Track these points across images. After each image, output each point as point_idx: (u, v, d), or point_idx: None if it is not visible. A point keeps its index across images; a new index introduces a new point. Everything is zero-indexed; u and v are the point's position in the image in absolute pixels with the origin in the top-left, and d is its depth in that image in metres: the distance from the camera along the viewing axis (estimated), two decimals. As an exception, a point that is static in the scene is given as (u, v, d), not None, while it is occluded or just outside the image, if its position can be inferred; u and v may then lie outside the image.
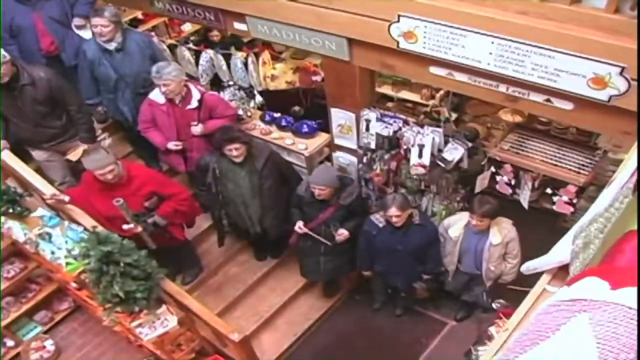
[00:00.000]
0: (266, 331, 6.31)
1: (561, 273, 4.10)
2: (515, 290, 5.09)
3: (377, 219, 5.26)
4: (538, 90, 3.91)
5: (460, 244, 5.28)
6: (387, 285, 6.12)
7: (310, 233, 5.44)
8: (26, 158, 5.70)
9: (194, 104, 5.51)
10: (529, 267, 4.54)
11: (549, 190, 4.98)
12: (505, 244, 5.12)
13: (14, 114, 5.40)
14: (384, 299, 6.41)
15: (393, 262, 5.46)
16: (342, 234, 5.41)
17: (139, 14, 7.63)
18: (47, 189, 5.23)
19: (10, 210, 5.31)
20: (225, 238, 6.17)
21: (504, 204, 5.12)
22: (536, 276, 3.76)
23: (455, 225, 5.25)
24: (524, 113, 5.59)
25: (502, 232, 5.07)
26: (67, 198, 5.00)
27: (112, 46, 5.63)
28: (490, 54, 3.86)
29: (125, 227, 4.83)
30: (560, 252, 4.02)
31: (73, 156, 5.69)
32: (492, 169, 5.14)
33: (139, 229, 4.91)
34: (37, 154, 5.85)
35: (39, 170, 5.70)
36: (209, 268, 6.49)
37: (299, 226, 5.44)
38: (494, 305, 4.82)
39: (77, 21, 6.04)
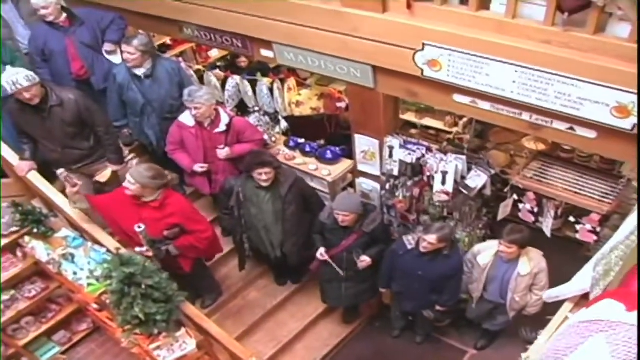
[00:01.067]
0: (285, 356, 6.32)
1: (583, 301, 4.10)
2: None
3: (408, 240, 5.26)
4: (561, 118, 3.92)
5: (488, 272, 5.25)
6: (399, 308, 6.09)
7: (330, 261, 5.45)
8: (51, 179, 5.77)
9: (222, 127, 5.59)
10: (551, 295, 4.56)
11: (572, 219, 4.95)
12: (534, 275, 5.09)
13: (43, 136, 5.48)
14: (404, 326, 6.38)
15: (409, 285, 5.46)
16: (365, 260, 5.41)
17: (168, 40, 7.80)
18: (72, 211, 5.29)
19: (35, 230, 5.41)
20: (246, 262, 6.18)
21: (526, 232, 5.10)
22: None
23: (486, 252, 5.23)
24: (547, 141, 5.60)
25: (532, 262, 5.05)
26: (79, 183, 4.96)
27: (140, 72, 5.76)
28: (514, 82, 3.88)
29: (137, 249, 4.82)
30: (582, 280, 4.04)
31: (102, 177, 5.75)
32: (515, 196, 5.12)
33: (150, 254, 4.91)
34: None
35: (64, 192, 5.77)
36: (229, 292, 6.50)
37: (321, 253, 5.45)
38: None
39: (107, 47, 6.22)
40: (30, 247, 5.21)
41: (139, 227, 4.62)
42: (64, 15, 5.97)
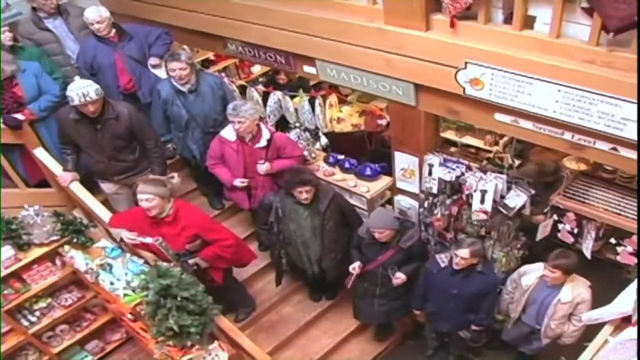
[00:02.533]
0: (316, 373, 6.29)
1: (624, 324, 4.06)
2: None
3: (441, 258, 5.22)
4: (604, 138, 3.88)
5: (530, 294, 5.15)
6: (434, 329, 6.03)
7: (352, 278, 5.47)
8: (94, 190, 5.90)
9: (263, 142, 5.63)
10: (591, 317, 4.51)
11: (612, 240, 4.89)
12: (575, 305, 4.94)
13: (91, 147, 5.58)
14: (437, 345, 6.31)
15: (445, 304, 5.39)
16: (400, 277, 5.39)
17: (211, 55, 7.93)
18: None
19: (75, 240, 5.50)
20: (283, 277, 6.21)
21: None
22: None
23: (531, 274, 5.12)
24: (588, 161, 5.53)
25: (575, 291, 4.90)
26: (148, 240, 4.95)
27: (185, 88, 5.84)
28: (556, 101, 3.87)
29: (165, 265, 4.88)
30: (624, 303, 3.99)
31: None
32: (555, 216, 5.09)
33: (177, 269, 4.97)
34: (107, 187, 6.03)
35: (105, 203, 5.89)
36: (263, 306, 6.53)
37: (354, 267, 5.44)
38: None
39: (153, 61, 6.35)
40: (70, 256, 5.27)
41: (157, 239, 4.70)
42: (114, 30, 6.13)
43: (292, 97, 6.42)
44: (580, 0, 3.55)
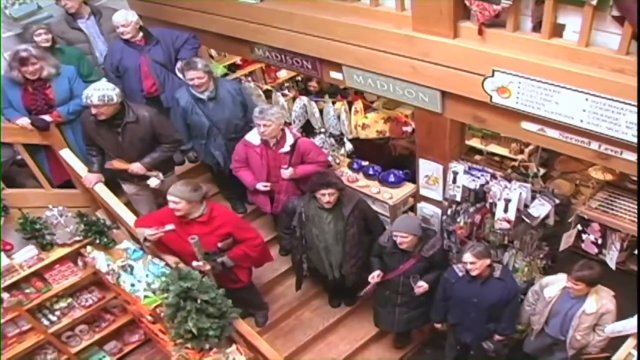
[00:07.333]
0: (332, 379, 6.28)
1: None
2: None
3: (458, 267, 5.18)
4: (632, 148, 3.85)
5: (552, 305, 5.07)
6: (456, 340, 5.94)
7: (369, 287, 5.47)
8: (117, 192, 5.93)
9: (286, 148, 5.64)
10: (614, 329, 4.48)
11: (637, 252, 4.85)
12: (599, 315, 4.85)
13: (112, 149, 5.63)
14: (456, 355, 6.25)
15: (466, 314, 5.33)
16: (422, 286, 5.35)
17: (238, 60, 7.98)
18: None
19: (97, 241, 5.57)
20: (303, 282, 6.22)
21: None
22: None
23: (553, 285, 5.03)
24: (615, 171, 5.49)
25: (599, 301, 4.81)
26: (169, 227, 5.00)
27: (205, 95, 5.83)
28: (584, 110, 3.85)
29: (195, 264, 4.91)
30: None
31: (119, 165, 5.70)
32: (579, 226, 5.04)
33: (207, 267, 4.99)
34: (128, 188, 6.08)
35: (128, 204, 5.91)
36: (282, 311, 6.54)
37: (373, 275, 5.42)
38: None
39: (180, 65, 6.34)
40: (92, 257, 5.29)
41: (192, 238, 4.70)
42: (141, 34, 6.18)
43: (318, 103, 6.42)
44: (611, 9, 3.53)
